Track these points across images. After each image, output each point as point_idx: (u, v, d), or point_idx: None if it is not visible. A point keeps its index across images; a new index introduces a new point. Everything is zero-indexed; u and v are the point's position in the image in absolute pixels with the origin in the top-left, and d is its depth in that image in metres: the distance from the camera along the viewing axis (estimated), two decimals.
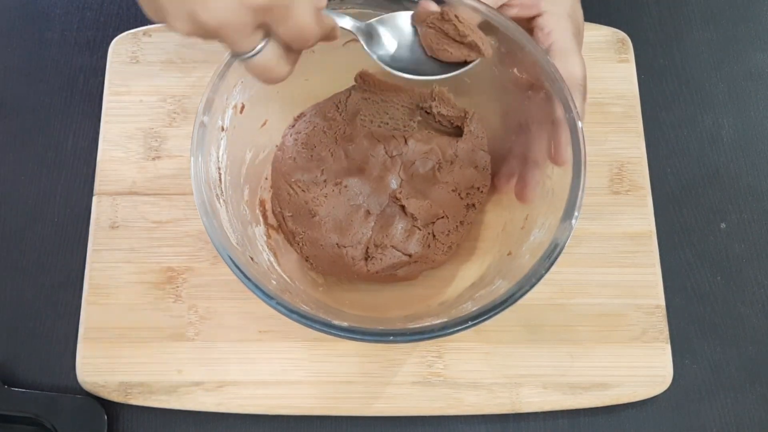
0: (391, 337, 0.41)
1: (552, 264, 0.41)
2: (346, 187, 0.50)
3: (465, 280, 0.49)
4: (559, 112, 0.44)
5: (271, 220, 0.51)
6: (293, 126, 0.53)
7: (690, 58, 0.60)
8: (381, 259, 0.49)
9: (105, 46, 0.58)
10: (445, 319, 0.41)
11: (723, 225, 0.55)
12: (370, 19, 0.45)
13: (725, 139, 0.58)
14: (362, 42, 0.44)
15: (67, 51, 0.59)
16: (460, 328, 0.40)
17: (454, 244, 0.50)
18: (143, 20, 0.59)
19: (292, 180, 0.50)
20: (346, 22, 0.44)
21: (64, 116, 0.57)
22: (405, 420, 0.49)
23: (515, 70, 0.47)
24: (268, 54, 0.37)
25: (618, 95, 0.56)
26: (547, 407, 0.49)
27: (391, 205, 0.50)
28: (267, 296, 0.41)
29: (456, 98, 0.53)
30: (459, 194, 0.50)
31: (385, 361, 0.50)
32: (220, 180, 0.46)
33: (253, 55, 0.37)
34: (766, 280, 0.54)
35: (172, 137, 0.55)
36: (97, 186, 0.54)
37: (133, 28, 0.58)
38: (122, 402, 0.49)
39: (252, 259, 0.45)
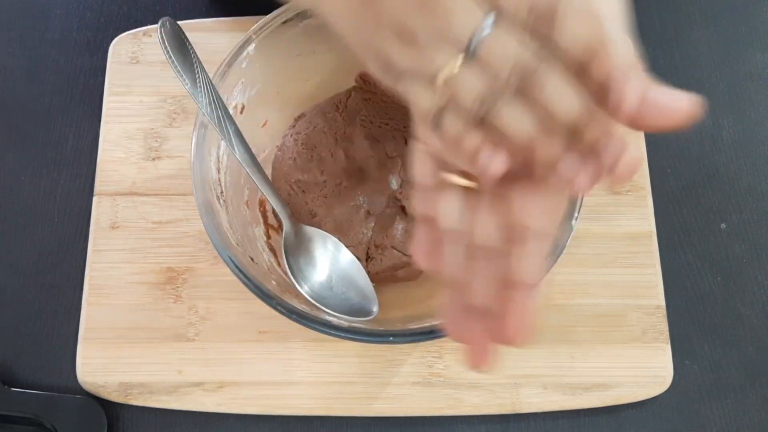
0: (391, 338, 0.41)
1: (552, 265, 0.41)
2: (346, 187, 0.50)
3: None
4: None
5: (271, 220, 0.51)
6: (293, 126, 0.53)
7: (690, 58, 0.60)
8: (381, 260, 0.49)
9: (105, 46, 0.58)
10: None
11: (723, 225, 0.55)
12: None
13: (725, 139, 0.58)
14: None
15: (67, 51, 0.59)
16: None
17: None
18: (143, 20, 0.59)
19: (293, 180, 0.51)
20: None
21: (64, 116, 0.57)
22: (405, 420, 0.49)
23: None
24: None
25: None
26: (547, 408, 0.49)
27: (391, 205, 0.50)
28: (267, 296, 0.41)
29: None
30: None
31: (385, 362, 0.50)
32: (220, 180, 0.46)
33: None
34: (767, 281, 0.54)
35: (172, 137, 0.55)
36: (97, 186, 0.54)
37: (133, 28, 0.58)
38: (122, 402, 0.49)
39: (252, 259, 0.45)
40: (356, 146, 0.51)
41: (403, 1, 0.31)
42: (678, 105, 0.30)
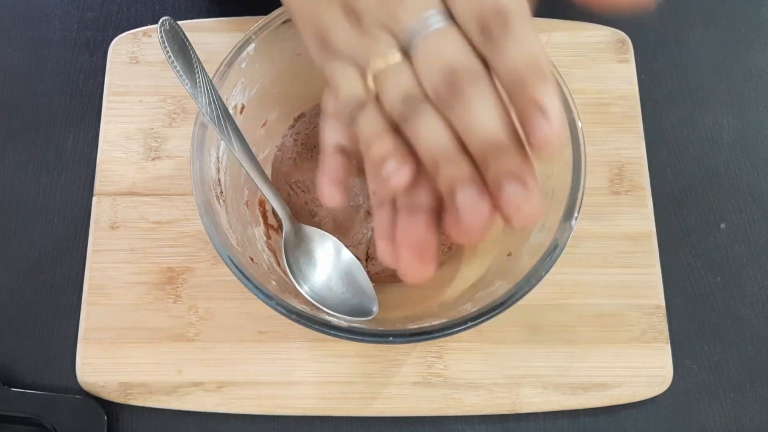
0: (391, 338, 0.41)
1: (552, 265, 0.41)
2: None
3: (465, 281, 0.49)
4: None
5: (271, 220, 0.51)
6: (293, 126, 0.53)
7: (690, 58, 0.60)
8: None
9: (105, 46, 0.58)
10: (445, 320, 0.41)
11: (723, 225, 0.55)
12: None
13: (725, 139, 0.58)
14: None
15: (67, 51, 0.59)
16: (459, 328, 0.40)
17: (454, 244, 0.50)
18: (143, 20, 0.59)
19: (292, 180, 0.51)
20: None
21: (64, 116, 0.57)
22: (405, 420, 0.49)
23: None
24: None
25: (618, 95, 0.56)
26: (546, 407, 0.49)
27: None
28: (267, 297, 0.41)
29: None
30: None
31: (384, 362, 0.50)
32: (219, 180, 0.46)
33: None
34: (766, 280, 0.54)
35: (172, 137, 0.55)
36: (97, 186, 0.54)
37: (133, 28, 0.58)
38: (122, 402, 0.49)
39: (252, 259, 0.45)
40: (356, 146, 0.51)
41: None
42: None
